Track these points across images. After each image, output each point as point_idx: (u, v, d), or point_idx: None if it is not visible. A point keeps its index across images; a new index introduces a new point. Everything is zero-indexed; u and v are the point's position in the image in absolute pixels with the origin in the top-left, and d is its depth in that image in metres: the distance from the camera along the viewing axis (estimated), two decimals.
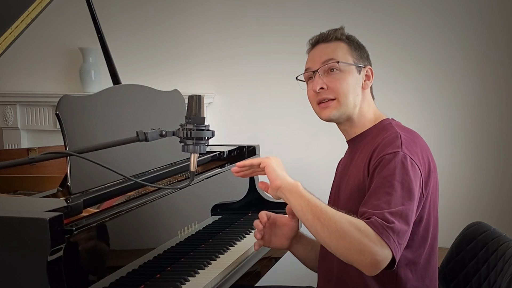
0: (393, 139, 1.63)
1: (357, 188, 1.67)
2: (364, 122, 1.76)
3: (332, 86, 1.71)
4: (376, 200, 1.52)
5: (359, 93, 1.74)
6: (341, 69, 1.72)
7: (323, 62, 1.73)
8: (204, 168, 2.23)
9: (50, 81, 3.79)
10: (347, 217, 1.48)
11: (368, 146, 1.70)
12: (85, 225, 1.47)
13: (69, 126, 1.69)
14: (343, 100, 1.71)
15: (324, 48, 1.76)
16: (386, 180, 1.54)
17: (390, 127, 1.72)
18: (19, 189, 2.12)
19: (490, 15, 3.11)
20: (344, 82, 1.71)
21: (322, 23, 3.34)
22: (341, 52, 1.74)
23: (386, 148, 1.61)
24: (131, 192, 1.79)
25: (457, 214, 3.11)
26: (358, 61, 1.75)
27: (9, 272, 1.31)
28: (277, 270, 2.42)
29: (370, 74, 1.78)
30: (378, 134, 1.71)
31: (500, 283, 1.68)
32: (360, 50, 1.78)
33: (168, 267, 1.79)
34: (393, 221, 1.47)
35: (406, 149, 1.60)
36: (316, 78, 1.73)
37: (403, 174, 1.55)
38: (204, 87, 3.49)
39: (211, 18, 3.48)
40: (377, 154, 1.61)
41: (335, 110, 1.72)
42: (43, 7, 2.23)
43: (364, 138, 1.75)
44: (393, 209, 1.49)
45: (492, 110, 3.14)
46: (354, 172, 1.71)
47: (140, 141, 1.39)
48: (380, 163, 1.58)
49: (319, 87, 1.71)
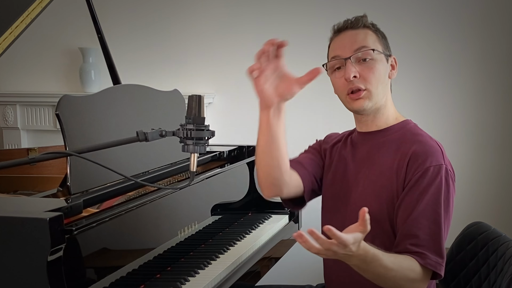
0: (434, 149, 1.64)
1: (385, 189, 1.66)
2: (387, 117, 1.74)
3: (365, 75, 1.66)
4: (425, 231, 1.57)
5: (387, 83, 1.72)
6: (373, 58, 1.68)
7: (356, 49, 1.67)
8: (204, 168, 2.22)
9: (50, 81, 3.79)
10: (403, 272, 1.52)
11: (394, 145, 1.69)
12: (85, 225, 1.47)
13: (69, 126, 1.69)
14: (375, 90, 1.67)
15: (354, 35, 1.70)
16: (431, 203, 1.59)
17: (419, 129, 1.74)
18: (19, 189, 2.12)
19: (490, 15, 3.11)
20: (376, 71, 1.67)
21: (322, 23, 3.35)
22: (371, 40, 1.70)
23: (428, 158, 1.61)
24: (131, 192, 1.79)
25: (457, 214, 3.10)
26: (385, 50, 1.73)
27: (9, 272, 1.31)
28: (277, 270, 2.42)
29: (394, 64, 1.76)
30: (406, 134, 1.70)
31: (500, 283, 1.68)
32: (385, 39, 1.75)
33: (168, 267, 1.79)
34: (443, 254, 1.58)
35: (447, 162, 1.64)
36: (348, 66, 1.66)
37: (446, 192, 1.60)
38: (204, 87, 3.49)
39: (211, 18, 3.48)
40: (420, 162, 1.61)
41: (368, 101, 1.67)
42: (43, 7, 2.23)
43: (388, 135, 1.72)
44: (441, 242, 1.58)
45: (492, 110, 3.14)
46: (378, 170, 1.69)
47: (140, 141, 1.39)
48: (424, 174, 1.60)
49: (353, 75, 1.65)
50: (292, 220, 2.46)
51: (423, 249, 1.56)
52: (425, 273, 1.56)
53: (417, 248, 1.56)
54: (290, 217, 2.47)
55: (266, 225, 2.32)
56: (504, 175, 3.15)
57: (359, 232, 1.38)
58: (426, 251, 1.55)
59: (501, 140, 3.14)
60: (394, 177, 1.65)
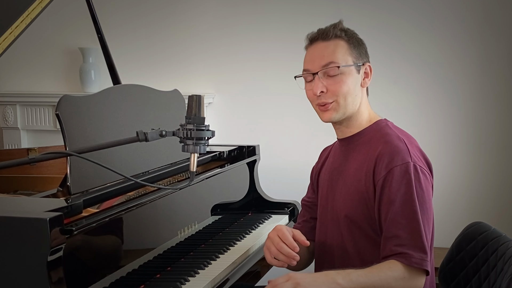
0: (398, 148, 1.64)
1: (357, 192, 1.68)
2: (360, 122, 1.76)
3: (332, 89, 1.69)
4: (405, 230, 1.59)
5: (358, 93, 1.73)
6: (341, 72, 1.69)
7: (323, 65, 1.70)
8: (204, 168, 2.23)
9: (50, 81, 3.78)
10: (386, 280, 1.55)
11: (365, 147, 1.71)
12: (85, 225, 1.47)
13: (69, 126, 1.69)
14: (342, 102, 1.70)
15: (324, 49, 1.72)
16: (405, 201, 1.60)
17: (388, 129, 1.73)
18: (19, 189, 2.12)
19: (490, 15, 3.11)
20: (344, 84, 1.69)
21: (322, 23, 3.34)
22: (340, 53, 1.71)
23: (394, 158, 1.62)
24: (131, 192, 1.79)
25: (457, 214, 3.11)
26: (357, 60, 1.73)
27: (9, 272, 1.31)
28: (277, 270, 2.42)
29: (369, 72, 1.76)
30: (376, 135, 1.72)
31: (500, 283, 1.68)
32: (359, 46, 1.75)
33: (168, 267, 1.79)
34: (426, 249, 1.58)
35: (416, 158, 1.64)
36: (316, 81, 1.70)
37: (418, 187, 1.61)
38: (204, 87, 3.49)
39: (211, 18, 3.48)
40: (385, 163, 1.62)
41: (335, 113, 1.71)
42: (43, 7, 2.23)
43: (359, 138, 1.75)
44: (422, 237, 1.58)
45: (492, 110, 3.14)
46: (352, 173, 1.72)
47: (140, 141, 1.39)
48: (391, 174, 1.61)
49: (320, 91, 1.69)
50: (292, 220, 2.46)
51: (406, 248, 1.57)
52: (413, 272, 1.58)
53: (400, 248, 1.58)
54: (290, 217, 2.47)
55: (266, 225, 2.32)
56: (504, 175, 3.15)
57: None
58: (409, 250, 1.57)
59: (501, 140, 3.14)
60: (364, 179, 1.67)
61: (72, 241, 1.40)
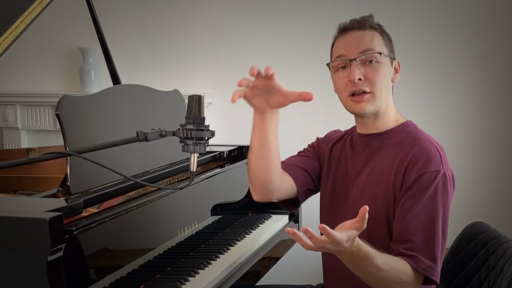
0: (433, 154, 1.63)
1: (382, 191, 1.66)
2: (387, 120, 1.72)
3: (369, 77, 1.64)
4: (419, 236, 1.56)
5: (390, 87, 1.71)
6: (379, 61, 1.66)
7: (362, 51, 1.65)
8: (204, 168, 2.22)
9: (50, 81, 3.78)
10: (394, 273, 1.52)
11: (395, 148, 1.68)
12: (85, 225, 1.47)
13: (69, 126, 1.69)
14: (378, 94, 1.65)
15: (360, 36, 1.68)
16: (426, 206, 1.58)
17: (419, 133, 1.71)
18: (19, 189, 2.12)
19: (490, 15, 3.11)
20: (381, 74, 1.65)
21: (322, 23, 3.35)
22: (377, 43, 1.68)
23: (427, 164, 1.61)
24: (131, 192, 1.79)
25: (457, 214, 3.10)
26: (391, 53, 1.71)
27: (9, 272, 1.31)
28: (277, 270, 2.42)
29: (398, 67, 1.74)
30: (406, 137, 1.69)
31: (500, 283, 1.68)
32: (390, 41, 1.73)
33: (168, 267, 1.78)
34: (437, 259, 1.56)
35: (446, 167, 1.63)
36: (353, 67, 1.64)
37: (442, 197, 1.59)
38: (204, 87, 3.49)
39: (211, 18, 3.48)
40: (418, 167, 1.60)
41: (370, 104, 1.66)
42: (43, 7, 2.23)
43: (387, 138, 1.72)
44: (436, 247, 1.57)
45: (492, 110, 3.14)
46: (377, 172, 1.69)
47: (140, 141, 1.39)
48: (420, 178, 1.59)
49: (358, 77, 1.63)
50: (292, 220, 2.46)
51: (416, 253, 1.55)
52: (417, 277, 1.56)
53: (410, 252, 1.55)
54: (290, 217, 2.47)
55: (266, 225, 2.32)
56: (504, 175, 3.15)
57: (354, 229, 1.38)
58: (419, 255, 1.55)
59: (501, 140, 3.14)
60: (392, 181, 1.64)
61: (72, 241, 1.40)
